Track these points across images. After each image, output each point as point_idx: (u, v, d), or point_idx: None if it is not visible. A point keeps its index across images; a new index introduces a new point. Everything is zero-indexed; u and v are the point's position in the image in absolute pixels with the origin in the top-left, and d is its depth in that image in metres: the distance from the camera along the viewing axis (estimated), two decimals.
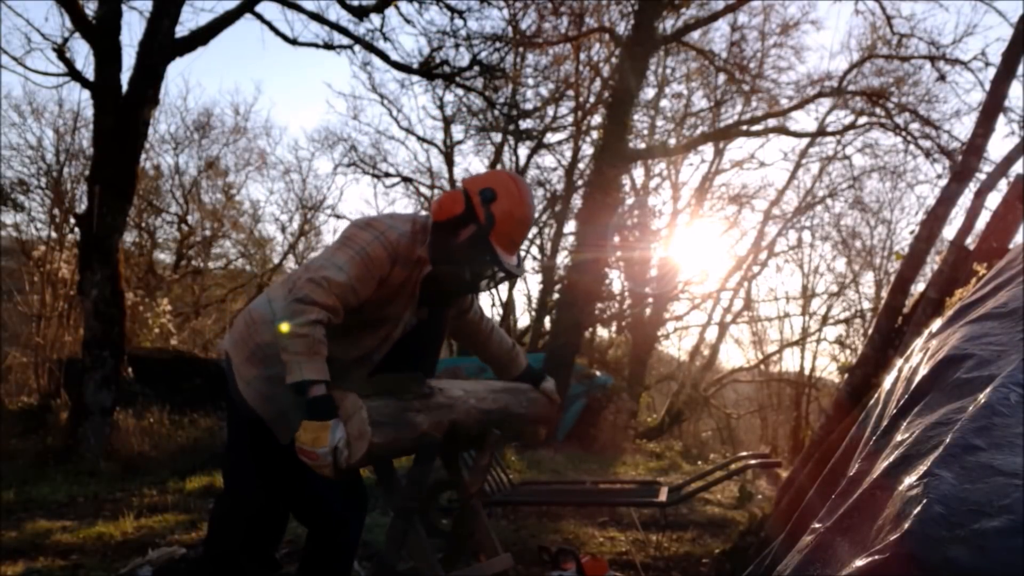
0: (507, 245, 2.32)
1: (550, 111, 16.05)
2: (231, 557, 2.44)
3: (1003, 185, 3.79)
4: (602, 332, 18.36)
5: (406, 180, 19.14)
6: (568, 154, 16.55)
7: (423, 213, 2.49)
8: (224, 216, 19.64)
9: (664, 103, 16.96)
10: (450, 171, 18.29)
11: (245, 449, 2.43)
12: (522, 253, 2.53)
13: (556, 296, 15.19)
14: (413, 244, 2.31)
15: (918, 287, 3.97)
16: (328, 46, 9.51)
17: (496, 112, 14.49)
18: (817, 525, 1.17)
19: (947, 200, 3.95)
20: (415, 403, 2.24)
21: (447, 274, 2.37)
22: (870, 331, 4.25)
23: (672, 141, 16.69)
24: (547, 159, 25.05)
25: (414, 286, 2.36)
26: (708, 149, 17.68)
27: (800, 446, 11.95)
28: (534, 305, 18.34)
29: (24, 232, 13.75)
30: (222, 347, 2.48)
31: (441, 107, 17.53)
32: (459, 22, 12.67)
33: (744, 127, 13.51)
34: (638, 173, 17.47)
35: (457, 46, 10.58)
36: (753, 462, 4.63)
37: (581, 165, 16.03)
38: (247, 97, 55.43)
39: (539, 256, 18.39)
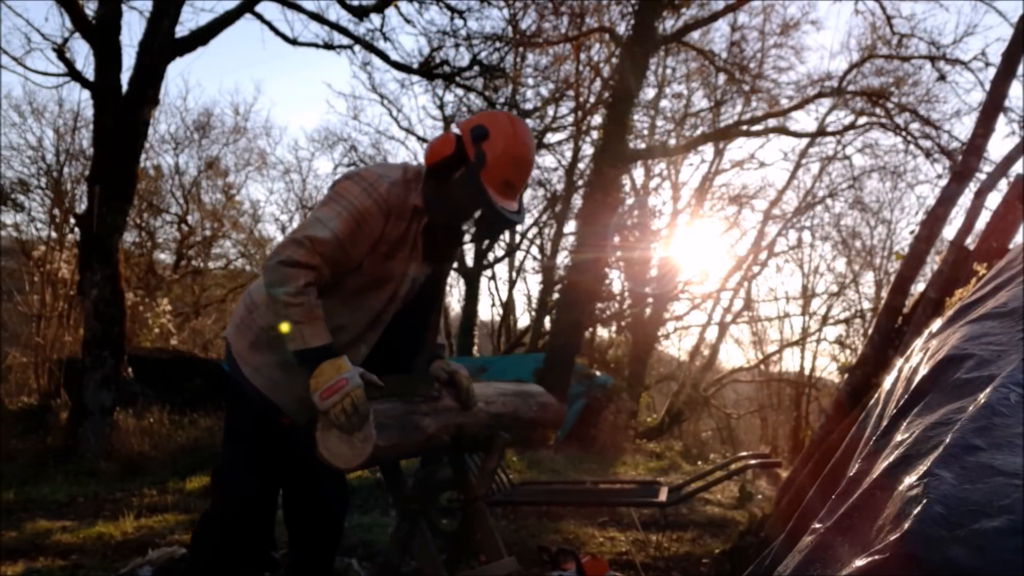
0: (501, 187, 2.17)
1: (550, 111, 16.08)
2: (220, 552, 2.36)
3: (1003, 185, 3.80)
4: (602, 332, 18.37)
5: None
6: (568, 154, 16.58)
7: (415, 162, 2.36)
8: (224, 216, 19.67)
9: (664, 103, 16.99)
10: None
11: (245, 440, 2.33)
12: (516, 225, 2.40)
13: (556, 296, 15.19)
14: (407, 193, 2.18)
15: (918, 287, 3.98)
16: (328, 46, 9.52)
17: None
18: (817, 525, 1.17)
19: (947, 200, 3.96)
20: (422, 406, 2.23)
21: (442, 223, 2.24)
22: (870, 331, 4.25)
23: (672, 141, 16.70)
24: (547, 159, 24.92)
25: (415, 238, 2.23)
26: (708, 149, 17.71)
27: (800, 446, 11.95)
28: (534, 305, 18.37)
29: (24, 232, 13.79)
30: (225, 334, 2.38)
31: (441, 107, 17.53)
32: (459, 22, 12.66)
33: (744, 127, 13.52)
34: (638, 173, 17.50)
35: (457, 46, 10.59)
36: (753, 462, 4.62)
37: (581, 165, 16.05)
38: (247, 97, 55.73)
39: (539, 256, 18.41)
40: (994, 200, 3.60)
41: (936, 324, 1.64)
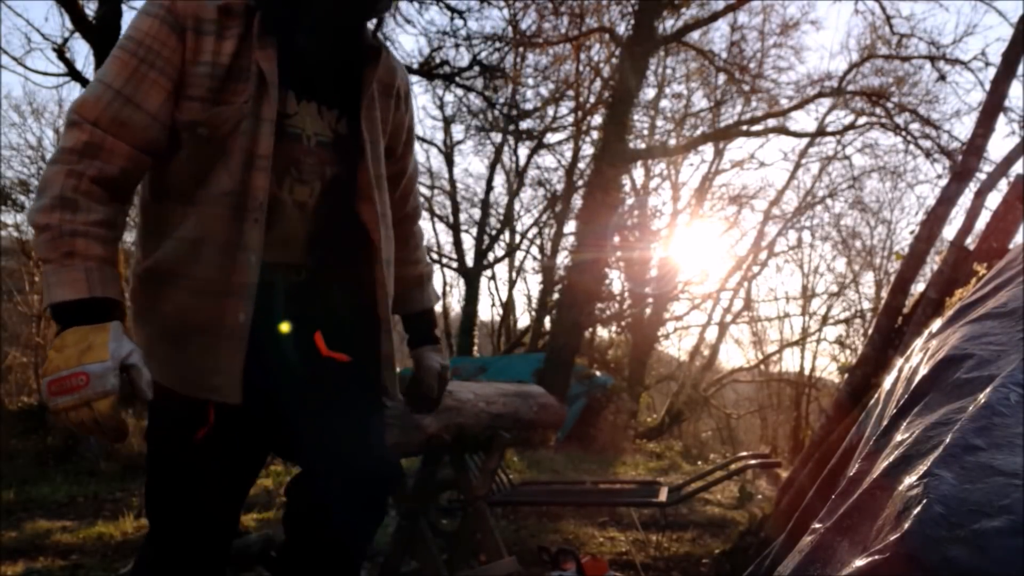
0: None
1: (550, 111, 16.07)
2: None
3: (1003, 185, 3.80)
4: (602, 332, 18.37)
5: None
6: (568, 154, 16.58)
7: None
8: None
9: (664, 103, 16.99)
10: (450, 171, 18.33)
11: (170, 465, 1.51)
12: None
13: (556, 296, 15.20)
14: None
15: (918, 287, 3.98)
16: None
17: (496, 112, 14.50)
18: (817, 525, 1.17)
19: (947, 200, 3.96)
20: None
21: (285, 19, 1.42)
22: (870, 331, 4.25)
23: (672, 141, 16.71)
24: (547, 159, 25.08)
25: (253, 59, 1.40)
26: (708, 149, 17.72)
27: (800, 446, 11.96)
28: (534, 305, 18.38)
29: (24, 232, 13.77)
30: None
31: (441, 107, 17.57)
32: (459, 22, 12.71)
33: (744, 127, 13.55)
34: (638, 173, 17.50)
35: (457, 46, 10.62)
36: (753, 462, 4.62)
37: (581, 165, 16.05)
38: None
39: (539, 256, 18.42)
40: (994, 200, 3.60)
41: (936, 324, 1.63)
